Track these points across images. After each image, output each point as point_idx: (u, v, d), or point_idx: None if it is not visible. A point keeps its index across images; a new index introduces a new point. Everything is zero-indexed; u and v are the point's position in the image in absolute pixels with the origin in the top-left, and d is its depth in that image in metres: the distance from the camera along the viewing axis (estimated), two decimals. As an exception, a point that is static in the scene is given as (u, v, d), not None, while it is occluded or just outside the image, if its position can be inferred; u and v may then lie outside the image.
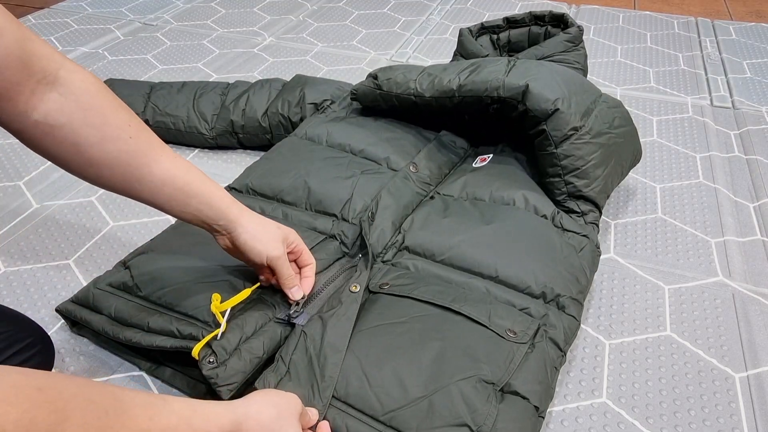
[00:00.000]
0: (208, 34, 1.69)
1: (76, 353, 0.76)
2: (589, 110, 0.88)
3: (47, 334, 0.68)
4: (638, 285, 0.88)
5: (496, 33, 1.15)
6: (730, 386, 0.74)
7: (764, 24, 1.81)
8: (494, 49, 1.15)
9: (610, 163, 0.89)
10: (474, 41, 1.11)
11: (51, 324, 0.80)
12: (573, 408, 0.71)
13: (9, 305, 0.73)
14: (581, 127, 0.85)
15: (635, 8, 1.92)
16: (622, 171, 0.95)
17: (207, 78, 1.45)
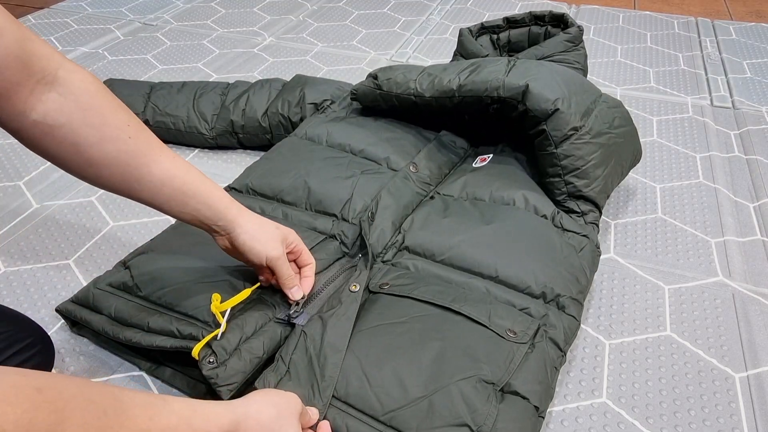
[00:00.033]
0: (208, 34, 1.69)
1: (76, 353, 0.76)
2: (589, 110, 0.88)
3: (47, 334, 0.68)
4: (638, 285, 0.88)
5: (496, 33, 1.15)
6: (730, 386, 0.74)
7: (764, 24, 1.81)
8: (494, 49, 1.15)
9: (610, 163, 0.89)
10: (474, 41, 1.11)
11: (51, 324, 0.80)
12: (573, 408, 0.71)
13: (9, 305, 0.73)
14: (581, 127, 0.85)
15: (635, 8, 1.92)
16: (622, 171, 0.95)
17: (207, 78, 1.45)
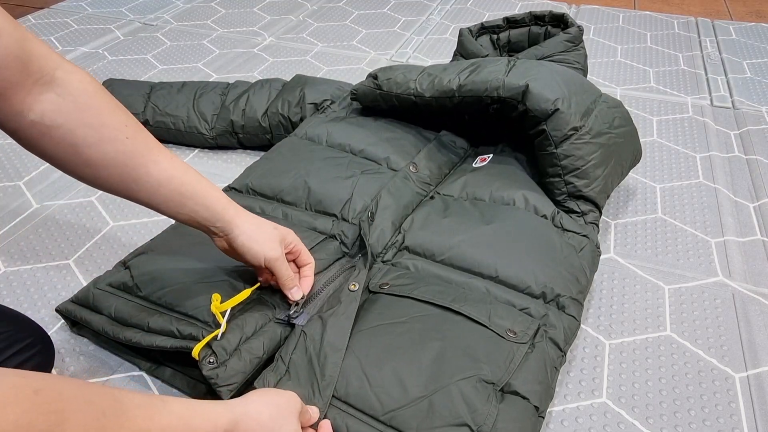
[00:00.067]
0: (208, 34, 1.69)
1: (76, 353, 0.76)
2: (589, 110, 0.88)
3: (47, 334, 0.68)
4: (638, 285, 0.88)
5: (496, 33, 1.15)
6: (730, 386, 0.74)
7: (764, 24, 1.81)
8: (494, 49, 1.15)
9: (610, 163, 0.89)
10: (474, 41, 1.11)
11: (51, 324, 0.80)
12: (573, 408, 0.71)
13: (9, 305, 0.73)
14: (581, 127, 0.85)
15: (635, 8, 1.92)
16: (622, 171, 0.95)
17: (207, 78, 1.45)
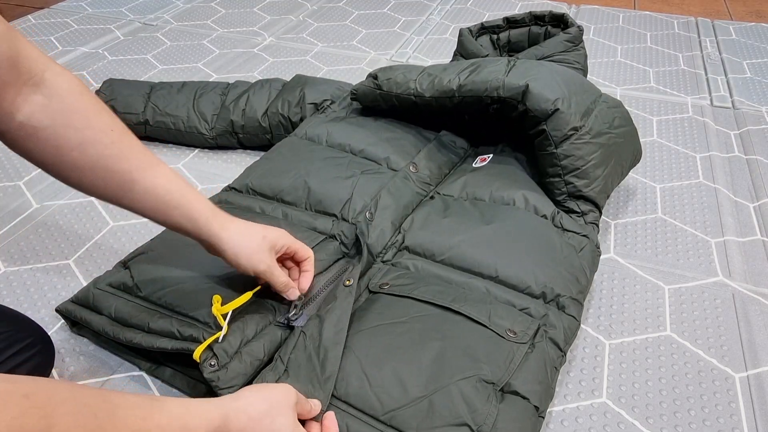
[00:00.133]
0: (208, 34, 1.69)
1: (76, 353, 0.76)
2: (589, 110, 0.88)
3: (47, 334, 0.68)
4: (638, 285, 0.88)
5: (496, 33, 1.15)
6: (730, 386, 0.74)
7: (764, 24, 1.81)
8: (494, 49, 1.15)
9: (610, 163, 0.89)
10: (474, 41, 1.11)
11: (51, 324, 0.80)
12: (573, 408, 0.71)
13: (9, 305, 0.73)
14: (581, 127, 0.85)
15: (635, 8, 1.92)
16: (622, 171, 0.95)
17: (207, 78, 1.45)
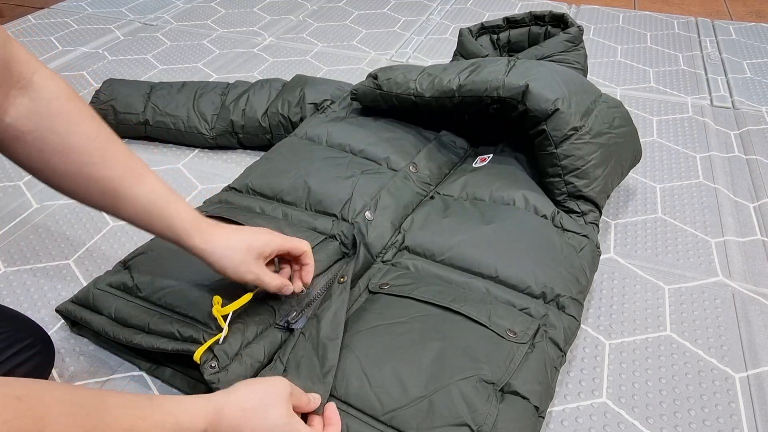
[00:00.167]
0: (208, 34, 1.69)
1: (76, 353, 0.76)
2: (589, 110, 0.88)
3: (47, 334, 0.68)
4: (638, 285, 0.88)
5: (496, 33, 1.15)
6: (730, 386, 0.74)
7: (764, 24, 1.81)
8: (494, 49, 1.15)
9: (610, 163, 0.89)
10: (474, 41, 1.11)
11: (51, 324, 0.80)
12: (573, 408, 0.71)
13: (9, 305, 0.73)
14: (581, 127, 0.85)
15: (635, 8, 1.92)
16: (622, 171, 0.95)
17: (207, 78, 1.45)
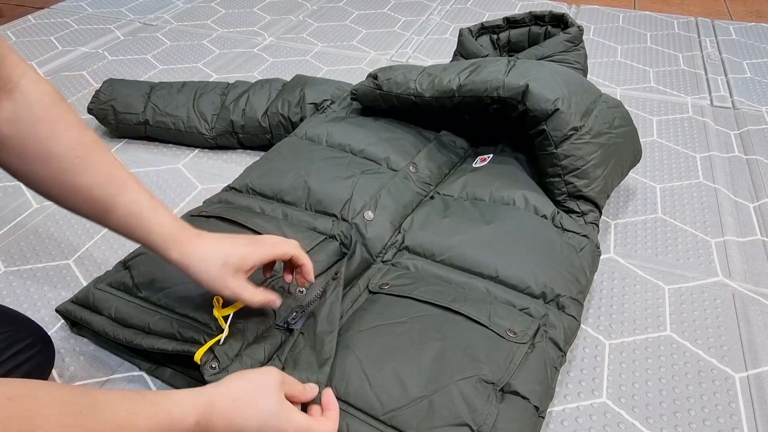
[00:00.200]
0: (208, 34, 1.69)
1: (76, 353, 0.76)
2: (589, 110, 0.88)
3: (47, 334, 0.68)
4: (638, 285, 0.88)
5: (496, 33, 1.15)
6: (730, 386, 0.74)
7: (764, 24, 1.81)
8: (494, 49, 1.15)
9: (610, 163, 0.89)
10: (474, 41, 1.11)
11: (51, 324, 0.80)
12: (573, 408, 0.71)
13: (9, 305, 0.73)
14: (581, 127, 0.85)
15: (635, 8, 1.92)
16: (622, 171, 0.95)
17: (207, 78, 1.45)
